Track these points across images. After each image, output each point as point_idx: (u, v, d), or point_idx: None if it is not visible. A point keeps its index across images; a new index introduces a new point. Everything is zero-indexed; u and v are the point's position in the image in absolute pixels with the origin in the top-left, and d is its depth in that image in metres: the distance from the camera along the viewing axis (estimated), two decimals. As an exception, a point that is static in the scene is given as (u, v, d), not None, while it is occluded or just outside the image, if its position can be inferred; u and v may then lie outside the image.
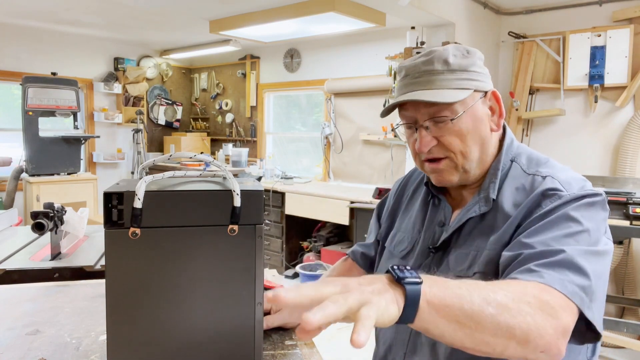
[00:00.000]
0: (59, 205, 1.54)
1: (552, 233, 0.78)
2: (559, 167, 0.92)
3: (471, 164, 0.93)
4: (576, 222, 0.79)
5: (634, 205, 2.80)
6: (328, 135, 5.13)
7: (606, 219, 0.86)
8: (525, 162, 0.94)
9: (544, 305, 0.66)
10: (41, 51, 5.30)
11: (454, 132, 0.90)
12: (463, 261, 0.90)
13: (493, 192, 0.91)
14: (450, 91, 0.89)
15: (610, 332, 3.05)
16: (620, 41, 3.40)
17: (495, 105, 0.95)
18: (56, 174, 4.62)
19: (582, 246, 0.76)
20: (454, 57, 0.91)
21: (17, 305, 1.16)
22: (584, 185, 0.87)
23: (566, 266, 0.73)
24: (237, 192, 0.78)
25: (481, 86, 0.92)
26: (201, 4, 3.96)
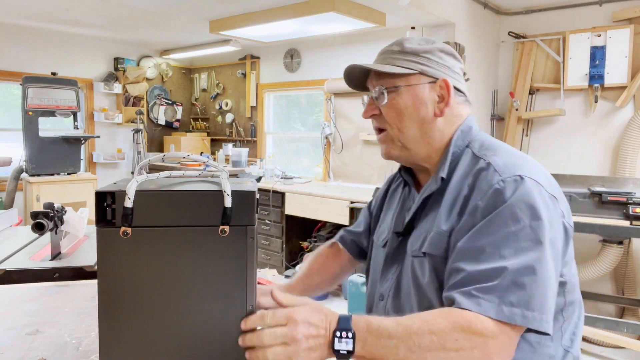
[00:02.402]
0: (59, 205, 1.54)
1: (491, 237, 0.80)
2: (505, 152, 0.93)
3: (408, 141, 0.99)
4: (514, 219, 0.80)
5: (634, 205, 2.80)
6: (328, 135, 5.13)
7: (551, 204, 0.84)
8: (478, 146, 0.97)
9: (473, 338, 0.73)
10: (41, 51, 5.30)
11: (392, 105, 0.98)
12: (417, 242, 0.96)
13: (442, 171, 0.95)
14: (392, 67, 0.98)
15: (610, 332, 3.05)
16: (620, 41, 3.40)
17: (445, 94, 0.98)
18: (56, 174, 4.62)
19: (525, 251, 0.78)
20: (411, 43, 1.00)
21: (17, 305, 1.16)
22: (521, 171, 0.86)
23: (507, 287, 0.76)
24: (228, 193, 0.77)
25: (430, 72, 0.98)
26: (201, 4, 3.96)
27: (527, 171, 0.86)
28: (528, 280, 0.76)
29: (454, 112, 1.00)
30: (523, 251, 0.78)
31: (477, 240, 0.82)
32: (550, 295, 0.79)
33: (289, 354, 0.72)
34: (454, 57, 1.02)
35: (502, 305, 0.75)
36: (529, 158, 0.94)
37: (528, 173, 0.85)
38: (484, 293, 0.76)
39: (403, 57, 0.99)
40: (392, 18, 3.88)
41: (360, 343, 0.74)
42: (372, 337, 0.74)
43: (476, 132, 1.02)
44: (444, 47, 1.01)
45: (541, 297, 0.77)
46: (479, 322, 0.74)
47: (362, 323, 0.76)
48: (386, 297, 1.02)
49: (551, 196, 0.85)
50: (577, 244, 3.40)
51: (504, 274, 0.77)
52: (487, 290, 0.77)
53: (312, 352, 0.74)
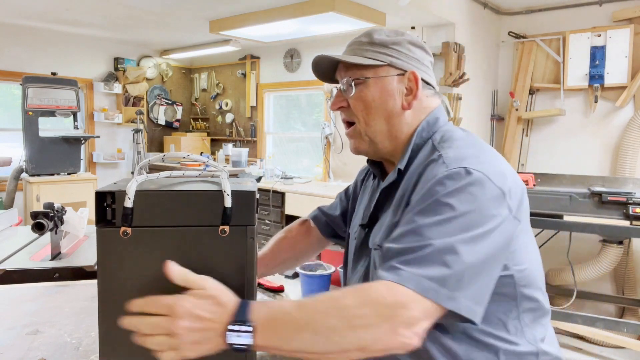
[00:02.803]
0: (59, 205, 1.54)
1: (423, 221, 0.78)
2: (463, 144, 0.90)
3: (375, 135, 0.97)
4: (449, 207, 0.78)
5: (634, 205, 2.80)
6: (328, 135, 5.13)
7: (495, 197, 0.80)
8: (439, 138, 0.95)
9: (382, 311, 0.70)
10: (41, 51, 5.30)
11: (359, 97, 0.96)
12: (377, 234, 0.95)
13: (401, 163, 0.94)
14: (359, 58, 0.96)
15: (610, 332, 3.05)
16: (620, 41, 3.40)
17: (413, 87, 0.96)
18: (56, 174, 4.62)
19: (453, 235, 0.76)
20: (380, 34, 0.98)
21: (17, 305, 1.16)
22: (468, 163, 0.82)
23: (428, 261, 0.74)
24: (228, 193, 0.77)
25: (398, 64, 0.96)
26: (201, 4, 3.96)
27: (476, 163, 0.82)
28: (451, 259, 0.74)
29: (422, 104, 0.98)
30: (452, 235, 0.76)
31: (410, 224, 0.80)
32: (478, 282, 0.76)
33: (172, 345, 0.68)
34: (423, 49, 1.01)
35: (421, 278, 0.73)
36: (488, 151, 0.91)
37: (476, 165, 0.82)
38: (405, 264, 0.75)
39: (372, 48, 0.98)
40: (392, 18, 3.88)
41: (260, 335, 0.70)
42: (274, 325, 0.70)
43: (443, 123, 0.99)
44: (413, 39, 1.00)
45: (463, 280, 0.74)
46: (391, 292, 0.72)
47: (263, 312, 0.71)
48: None
49: (498, 190, 0.81)
50: (577, 244, 3.41)
51: (428, 249, 0.75)
52: (408, 262, 0.75)
53: (199, 345, 0.69)
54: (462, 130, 0.99)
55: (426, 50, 1.01)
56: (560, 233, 3.34)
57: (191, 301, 0.70)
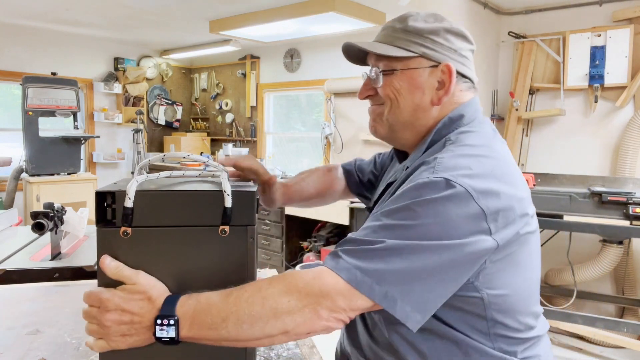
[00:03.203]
0: (59, 205, 1.54)
1: (387, 220, 0.76)
2: (466, 148, 0.84)
3: (397, 123, 0.93)
4: (414, 214, 0.74)
5: (634, 205, 2.80)
6: (328, 135, 5.13)
7: (472, 215, 0.74)
8: (454, 138, 0.89)
9: (305, 298, 0.71)
10: (41, 51, 5.30)
11: (387, 87, 0.92)
12: None
13: (410, 161, 0.92)
14: (391, 48, 0.91)
15: (610, 332, 3.05)
16: (620, 41, 3.40)
17: (446, 80, 0.90)
18: (56, 174, 4.62)
19: (406, 239, 0.73)
20: (416, 20, 0.92)
21: (17, 305, 1.16)
22: (457, 174, 0.76)
23: (371, 256, 0.73)
24: (228, 193, 0.77)
25: (432, 55, 0.90)
26: (201, 4, 3.96)
27: (465, 177, 0.76)
28: (395, 260, 0.72)
29: (452, 99, 0.92)
30: (407, 239, 0.73)
31: (373, 220, 0.79)
32: (419, 289, 0.73)
33: (101, 334, 0.73)
34: (464, 38, 0.93)
35: (357, 270, 0.72)
36: (494, 163, 0.82)
37: (463, 179, 0.75)
38: (347, 254, 0.74)
39: (404, 36, 0.91)
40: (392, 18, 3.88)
41: (185, 328, 0.72)
42: (199, 316, 0.72)
43: (467, 121, 0.92)
44: (453, 26, 0.93)
45: (401, 282, 0.72)
46: (318, 281, 0.72)
47: (189, 305, 0.73)
48: None
49: (478, 209, 0.74)
50: (577, 244, 3.41)
51: (375, 245, 0.74)
52: (350, 253, 0.74)
53: (127, 337, 0.72)
54: (482, 134, 0.90)
55: (467, 38, 0.94)
56: (560, 233, 3.34)
57: (121, 295, 0.73)
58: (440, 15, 0.94)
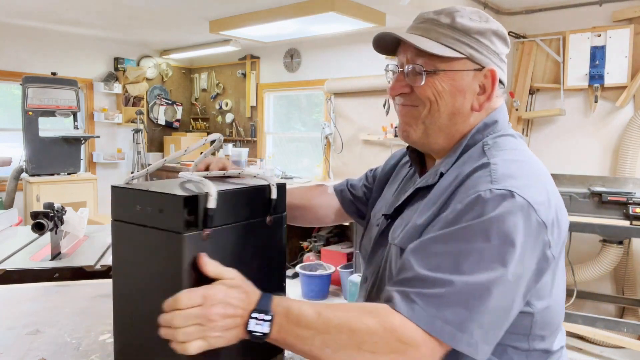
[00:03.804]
0: (59, 205, 1.54)
1: (454, 246, 0.73)
2: (513, 154, 0.83)
3: (433, 128, 0.88)
4: (485, 236, 0.72)
5: (634, 205, 2.80)
6: (328, 135, 5.13)
7: (536, 230, 0.74)
8: (492, 143, 0.86)
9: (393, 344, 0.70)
10: (41, 51, 5.30)
11: (427, 88, 0.86)
12: (397, 230, 0.90)
13: (445, 166, 0.87)
14: (437, 45, 0.85)
15: (610, 332, 3.05)
16: (620, 41, 3.40)
17: (488, 86, 0.86)
18: (56, 174, 4.62)
19: (480, 272, 0.71)
20: (463, 17, 0.86)
21: (17, 305, 1.16)
22: (516, 184, 0.74)
23: (449, 302, 0.70)
24: (274, 184, 0.83)
25: (478, 58, 0.85)
26: (201, 4, 3.96)
27: (523, 186, 0.75)
28: (474, 302, 0.70)
29: (490, 105, 0.89)
30: (481, 271, 0.71)
31: (439, 244, 0.75)
32: (497, 323, 0.73)
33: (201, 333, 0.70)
34: (505, 42, 0.90)
35: (436, 319, 0.70)
36: (536, 166, 0.83)
37: (523, 189, 0.74)
38: (422, 299, 0.71)
39: (452, 33, 0.85)
40: (392, 18, 3.88)
41: (276, 327, 0.72)
42: (290, 323, 0.72)
43: (500, 127, 0.90)
44: (499, 28, 0.88)
45: (482, 323, 0.71)
46: (405, 328, 0.71)
47: (282, 307, 0.73)
48: (369, 281, 0.98)
49: (540, 223, 0.74)
50: (577, 244, 3.41)
51: (451, 287, 0.71)
52: (426, 298, 0.71)
53: (228, 331, 0.72)
54: (514, 137, 0.90)
55: (507, 42, 0.90)
56: (560, 233, 3.34)
57: (224, 289, 0.73)
58: (484, 13, 0.90)
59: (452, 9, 0.87)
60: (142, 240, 0.77)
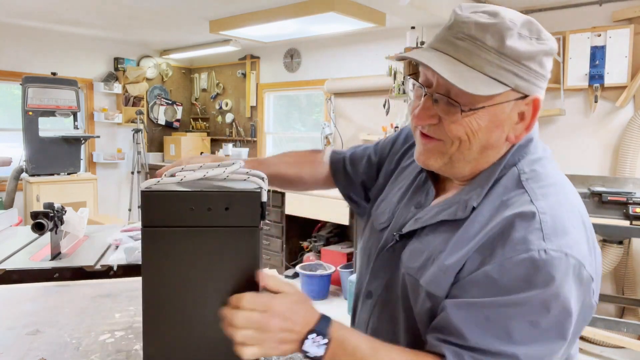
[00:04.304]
0: (59, 205, 1.54)
1: (510, 315, 0.69)
2: (555, 193, 0.75)
3: (460, 161, 0.79)
4: (544, 308, 0.68)
5: (634, 205, 2.80)
6: (328, 135, 5.13)
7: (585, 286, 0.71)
8: (528, 169, 0.78)
9: None
10: (41, 51, 5.30)
11: (462, 122, 0.74)
12: (417, 258, 0.82)
13: (477, 199, 0.78)
14: (481, 78, 0.71)
15: (610, 332, 3.05)
16: (620, 41, 3.40)
17: (528, 114, 0.76)
18: (56, 174, 4.62)
19: (538, 344, 0.68)
20: (513, 38, 0.72)
21: (17, 305, 1.16)
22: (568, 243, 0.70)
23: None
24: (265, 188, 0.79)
25: (524, 87, 0.74)
26: (201, 4, 3.96)
27: (575, 243, 0.70)
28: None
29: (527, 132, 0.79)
30: (539, 342, 0.68)
31: (494, 311, 0.70)
32: None
33: (258, 340, 0.69)
34: (553, 55, 0.78)
35: None
36: (576, 204, 0.77)
37: (574, 248, 0.70)
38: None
39: (499, 61, 0.72)
40: (392, 18, 3.88)
41: (330, 353, 0.71)
42: (344, 352, 0.71)
43: (534, 147, 0.81)
44: (552, 47, 0.76)
45: None
46: None
47: (340, 334, 0.72)
48: (375, 299, 0.92)
49: (589, 277, 0.71)
50: (577, 244, 3.41)
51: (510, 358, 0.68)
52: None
53: (283, 344, 0.71)
54: (549, 160, 0.82)
55: (555, 54, 0.79)
56: (560, 233, 3.34)
57: (286, 303, 0.72)
58: (536, 24, 0.76)
59: (501, 26, 0.72)
60: (195, 242, 0.75)
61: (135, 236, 1.67)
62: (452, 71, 0.72)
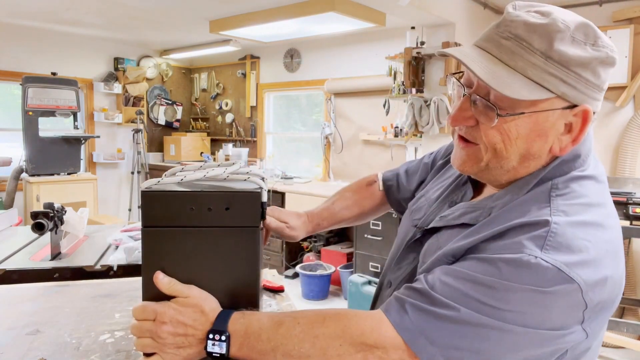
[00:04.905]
0: (59, 205, 1.54)
1: (478, 290, 0.64)
2: (583, 220, 0.67)
3: (498, 169, 0.74)
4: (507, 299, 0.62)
5: (634, 205, 2.80)
6: (328, 135, 5.13)
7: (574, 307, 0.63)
8: (562, 187, 0.71)
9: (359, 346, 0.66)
10: (41, 51, 5.30)
11: (499, 127, 0.70)
12: (430, 255, 0.79)
13: (500, 208, 0.73)
14: (524, 81, 0.66)
15: (610, 332, 3.05)
16: (620, 41, 3.40)
17: (576, 125, 0.70)
18: (56, 174, 4.62)
19: (488, 317, 0.62)
20: (564, 41, 0.66)
21: (17, 305, 1.16)
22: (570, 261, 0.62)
23: (441, 324, 0.64)
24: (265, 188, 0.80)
25: (572, 95, 0.67)
26: (201, 4, 3.96)
27: (580, 264, 0.62)
28: (469, 336, 0.63)
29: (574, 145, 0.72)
30: (488, 316, 0.63)
31: (463, 281, 0.66)
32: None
33: (156, 348, 0.72)
34: (613, 65, 0.70)
35: (421, 335, 0.64)
36: (606, 232, 0.69)
37: (578, 269, 0.62)
38: (415, 311, 0.66)
39: (545, 65, 0.66)
40: (392, 18, 3.88)
41: (235, 346, 0.71)
42: (250, 339, 0.71)
43: (581, 164, 0.73)
44: (609, 56, 0.68)
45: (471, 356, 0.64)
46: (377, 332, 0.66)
47: (241, 324, 0.72)
48: (394, 289, 0.90)
49: (582, 303, 0.63)
50: (577, 244, 3.41)
51: (450, 313, 0.64)
52: (420, 311, 0.66)
53: (182, 349, 0.72)
54: (596, 181, 0.74)
55: (615, 64, 0.70)
56: (560, 233, 3.34)
57: (175, 308, 0.73)
58: (594, 28, 0.68)
59: (551, 27, 0.66)
60: (195, 242, 0.75)
61: (135, 236, 1.67)
62: (491, 72, 0.67)
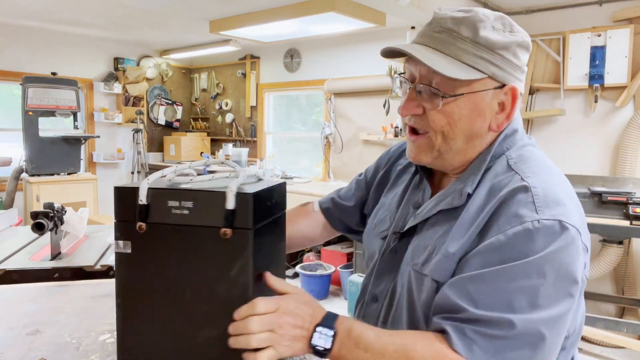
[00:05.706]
0: (59, 205, 1.54)
1: (507, 284, 0.70)
2: (545, 171, 0.80)
3: (448, 152, 0.83)
4: (540, 273, 0.69)
5: (634, 205, 2.80)
6: (328, 135, 5.13)
7: (581, 255, 0.73)
8: (515, 156, 0.82)
9: None
10: (41, 51, 5.30)
11: (443, 111, 0.79)
12: (420, 254, 0.84)
13: (471, 186, 0.81)
14: (459, 65, 0.77)
15: (610, 332, 3.05)
16: (620, 41, 3.40)
17: (508, 103, 0.81)
18: (56, 174, 4.62)
19: (536, 311, 0.69)
20: (486, 29, 0.78)
21: (17, 305, 1.16)
22: (562, 212, 0.72)
23: (506, 343, 0.69)
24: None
25: (500, 75, 0.79)
26: (201, 4, 3.96)
27: (569, 212, 0.73)
28: (533, 343, 0.69)
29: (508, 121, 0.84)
30: (537, 309, 0.69)
31: (490, 281, 0.71)
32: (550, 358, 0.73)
33: (272, 340, 0.72)
34: (528, 49, 0.83)
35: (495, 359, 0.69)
36: (564, 180, 0.81)
37: (570, 216, 0.72)
38: (481, 338, 0.69)
39: (474, 49, 0.77)
40: (392, 18, 3.88)
41: (338, 344, 0.73)
42: (350, 342, 0.73)
43: (519, 137, 0.85)
44: (525, 40, 0.82)
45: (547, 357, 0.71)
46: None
47: (345, 325, 0.75)
48: (382, 302, 0.93)
49: (584, 248, 0.74)
50: (577, 244, 3.41)
51: (510, 328, 0.69)
52: (485, 337, 0.69)
53: (294, 342, 0.74)
54: (534, 146, 0.87)
55: (530, 48, 0.84)
56: (560, 233, 3.33)
57: (294, 301, 0.76)
58: (509, 19, 0.82)
59: (474, 19, 0.78)
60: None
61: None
62: (431, 59, 0.77)
